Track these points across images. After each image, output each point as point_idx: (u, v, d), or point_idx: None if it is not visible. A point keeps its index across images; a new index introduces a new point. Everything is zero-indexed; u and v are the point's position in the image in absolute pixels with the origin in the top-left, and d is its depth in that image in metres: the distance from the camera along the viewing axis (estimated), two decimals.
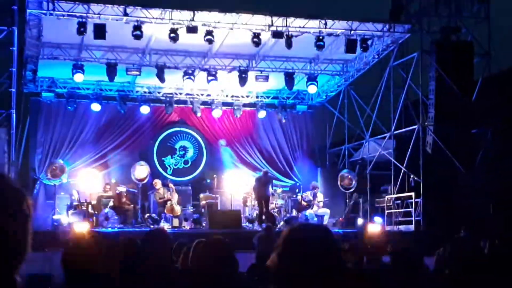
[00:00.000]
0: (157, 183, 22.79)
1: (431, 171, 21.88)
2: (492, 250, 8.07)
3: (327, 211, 23.05)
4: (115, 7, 19.97)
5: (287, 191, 25.30)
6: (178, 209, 22.13)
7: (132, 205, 22.30)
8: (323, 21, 21.45)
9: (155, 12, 20.39)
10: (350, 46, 21.77)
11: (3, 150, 19.96)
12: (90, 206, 21.44)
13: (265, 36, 21.65)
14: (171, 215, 21.93)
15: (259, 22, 21.12)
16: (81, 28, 19.72)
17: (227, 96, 26.67)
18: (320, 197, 23.29)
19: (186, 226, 22.06)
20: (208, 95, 26.28)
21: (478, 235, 15.59)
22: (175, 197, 22.31)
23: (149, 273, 5.54)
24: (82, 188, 22.59)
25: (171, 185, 22.73)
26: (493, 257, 5.92)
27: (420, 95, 22.32)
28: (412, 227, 21.51)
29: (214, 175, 24.71)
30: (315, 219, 22.48)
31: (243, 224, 21.90)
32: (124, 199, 21.96)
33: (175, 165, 26.48)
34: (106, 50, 22.68)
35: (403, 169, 22.52)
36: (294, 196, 24.31)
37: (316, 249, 2.86)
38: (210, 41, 21.00)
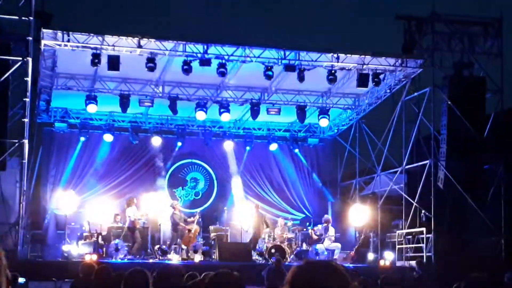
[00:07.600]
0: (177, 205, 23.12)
1: (443, 207, 21.74)
2: None
3: (338, 245, 22.89)
4: (129, 39, 20.11)
5: (298, 224, 25.18)
6: (194, 241, 22.18)
7: (141, 236, 22.18)
8: (335, 55, 21.52)
9: (169, 45, 20.54)
10: (362, 80, 21.81)
11: (15, 179, 19.99)
12: (100, 237, 21.39)
13: (278, 70, 21.75)
14: (186, 246, 21.84)
15: (272, 55, 21.23)
16: (95, 59, 19.89)
17: (238, 128, 26.76)
18: (332, 231, 23.12)
19: (196, 258, 21.96)
20: (220, 127, 26.38)
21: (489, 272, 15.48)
22: (197, 228, 22.38)
23: None
24: (93, 218, 22.54)
25: (197, 216, 22.83)
26: None
27: (432, 130, 22.27)
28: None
29: (225, 207, 24.60)
30: (326, 253, 22.33)
31: (253, 257, 21.77)
32: (130, 232, 21.85)
33: (186, 197, 26.49)
34: (119, 81, 22.84)
35: (415, 204, 22.39)
36: (305, 229, 24.14)
37: (323, 287, 2.84)
38: (223, 74, 21.10)
